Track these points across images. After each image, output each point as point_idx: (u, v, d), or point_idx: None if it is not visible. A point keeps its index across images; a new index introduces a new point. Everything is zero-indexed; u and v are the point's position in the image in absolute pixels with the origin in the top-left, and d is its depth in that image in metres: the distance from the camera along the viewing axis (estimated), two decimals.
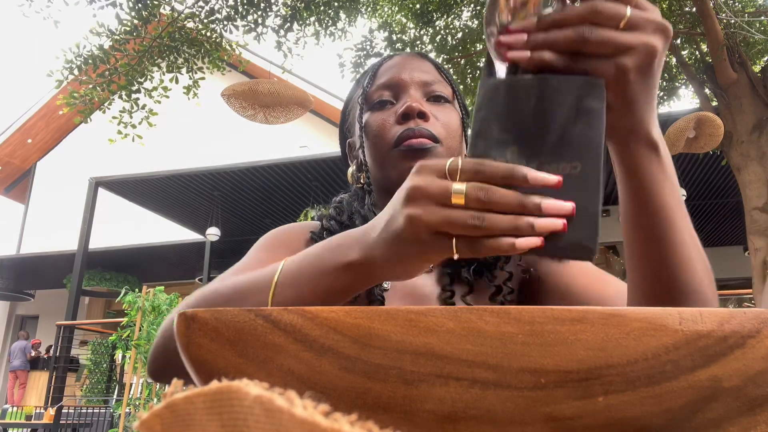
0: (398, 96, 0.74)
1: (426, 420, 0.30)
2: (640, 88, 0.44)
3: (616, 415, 0.29)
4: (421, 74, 0.75)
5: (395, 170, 0.70)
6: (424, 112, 0.71)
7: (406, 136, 0.69)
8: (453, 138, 0.73)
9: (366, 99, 0.77)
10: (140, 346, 4.87)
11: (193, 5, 5.03)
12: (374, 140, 0.73)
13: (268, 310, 0.32)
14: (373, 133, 0.73)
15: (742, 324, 0.29)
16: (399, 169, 0.69)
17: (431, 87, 0.75)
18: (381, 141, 0.72)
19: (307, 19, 5.28)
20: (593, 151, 0.42)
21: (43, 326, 13.09)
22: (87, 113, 4.77)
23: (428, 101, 0.74)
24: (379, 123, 0.73)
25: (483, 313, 0.29)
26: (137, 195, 9.05)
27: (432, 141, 0.69)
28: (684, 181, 7.79)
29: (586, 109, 0.43)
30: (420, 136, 0.69)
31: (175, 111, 8.15)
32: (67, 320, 7.92)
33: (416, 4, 5.73)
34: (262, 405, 0.15)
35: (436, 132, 0.70)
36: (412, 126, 0.70)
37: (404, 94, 0.74)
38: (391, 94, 0.75)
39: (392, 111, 0.73)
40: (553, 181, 0.40)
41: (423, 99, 0.74)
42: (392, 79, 0.75)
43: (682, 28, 5.73)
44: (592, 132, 0.42)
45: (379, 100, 0.75)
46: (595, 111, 0.42)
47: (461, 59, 5.92)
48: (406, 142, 0.69)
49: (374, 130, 0.73)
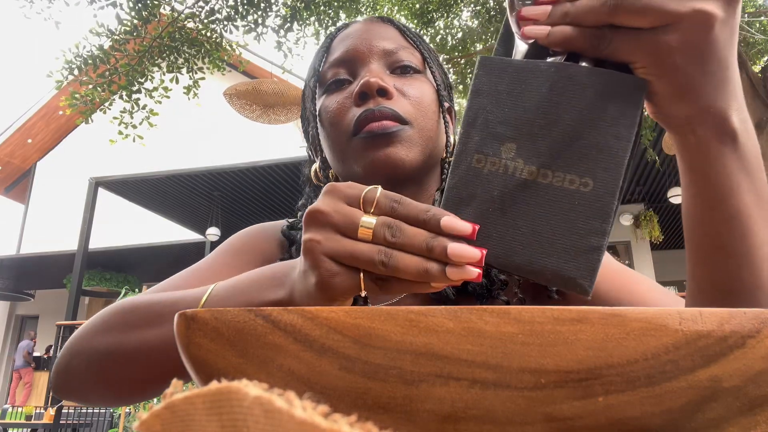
0: (356, 72, 0.62)
1: (426, 420, 0.30)
2: (695, 69, 0.34)
3: (616, 415, 0.29)
4: (382, 41, 0.62)
5: (358, 163, 0.59)
6: (385, 88, 0.58)
7: (365, 119, 0.57)
8: (425, 116, 0.60)
9: (319, 80, 0.65)
10: None
11: (193, 5, 5.04)
12: (330, 128, 0.61)
13: (268, 310, 0.32)
14: (328, 120, 0.61)
15: (742, 324, 0.29)
16: (363, 162, 0.58)
17: (395, 56, 0.62)
18: (338, 129, 0.60)
19: (307, 19, 5.29)
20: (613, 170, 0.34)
21: (43, 326, 13.09)
22: (88, 114, 4.77)
23: (392, 74, 0.62)
24: (335, 107, 0.61)
25: (483, 313, 0.29)
26: (137, 195, 9.06)
27: (397, 122, 0.58)
28: None
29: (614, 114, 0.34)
30: (382, 118, 0.57)
31: (175, 111, 8.15)
32: (67, 320, 7.92)
33: (416, 3, 5.74)
34: (261, 406, 0.15)
35: (401, 111, 0.58)
36: (372, 107, 0.58)
37: (362, 69, 0.61)
38: (347, 71, 0.62)
39: (349, 91, 0.61)
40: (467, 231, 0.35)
41: (385, 72, 0.62)
42: (347, 53, 0.62)
43: None
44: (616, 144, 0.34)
45: (334, 79, 0.63)
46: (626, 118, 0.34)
47: (461, 59, 5.92)
48: (366, 128, 0.57)
49: (329, 116, 0.61)
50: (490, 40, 5.73)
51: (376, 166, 0.57)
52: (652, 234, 8.05)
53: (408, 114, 0.59)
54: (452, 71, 5.96)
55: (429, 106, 0.61)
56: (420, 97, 0.61)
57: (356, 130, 0.58)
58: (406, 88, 0.61)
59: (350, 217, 0.36)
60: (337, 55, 0.63)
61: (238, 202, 9.09)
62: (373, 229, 0.36)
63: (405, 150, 0.57)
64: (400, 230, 0.35)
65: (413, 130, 0.59)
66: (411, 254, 0.35)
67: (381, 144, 0.57)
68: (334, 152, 0.62)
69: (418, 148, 0.59)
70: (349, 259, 0.36)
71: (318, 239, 0.36)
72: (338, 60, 0.62)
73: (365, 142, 0.58)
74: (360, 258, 0.35)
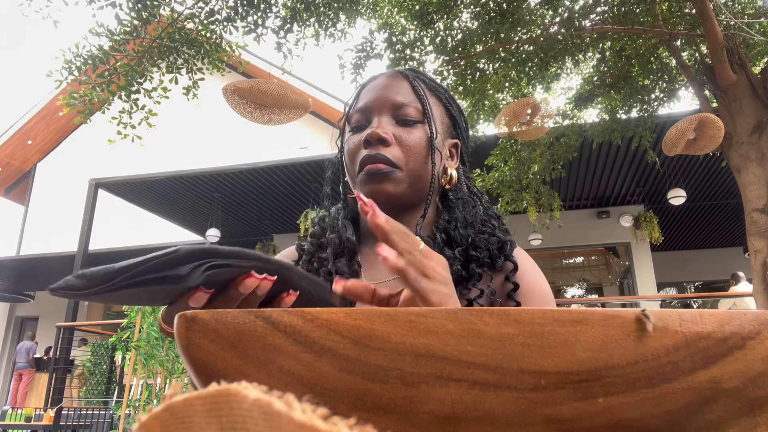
0: (370, 120, 0.80)
1: (426, 421, 0.29)
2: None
3: (617, 417, 0.29)
4: (394, 96, 0.80)
5: (362, 191, 0.77)
6: (383, 138, 0.76)
7: (366, 161, 0.76)
8: (415, 160, 0.78)
9: (348, 120, 0.84)
10: (140, 348, 4.86)
11: (192, 6, 5.04)
12: (348, 162, 0.82)
13: (268, 311, 0.32)
14: (347, 155, 0.81)
15: (741, 325, 0.29)
16: (364, 191, 0.77)
17: (402, 110, 0.80)
18: (352, 164, 0.80)
19: (307, 20, 5.28)
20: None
21: (43, 328, 13.09)
22: (87, 114, 4.76)
23: (397, 123, 0.79)
24: (351, 146, 0.80)
25: (483, 314, 0.29)
26: (137, 196, 9.06)
27: (389, 165, 0.75)
28: (684, 183, 7.79)
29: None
30: (377, 162, 0.75)
31: (175, 112, 8.15)
32: (67, 322, 7.91)
33: (416, 5, 5.73)
34: (260, 408, 0.15)
35: (393, 157, 0.76)
36: (370, 152, 0.76)
37: (375, 119, 0.80)
38: (364, 118, 0.81)
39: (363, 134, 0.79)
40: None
41: (391, 122, 0.79)
42: (366, 104, 0.81)
43: (681, 30, 5.73)
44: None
45: (356, 124, 0.82)
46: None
47: (461, 60, 5.92)
48: (366, 168, 0.76)
49: (348, 152, 0.81)
50: (489, 41, 5.72)
51: (373, 196, 0.75)
52: (652, 235, 8.05)
53: (398, 159, 0.77)
54: (452, 72, 5.96)
55: (420, 151, 0.78)
56: (412, 145, 0.78)
57: (360, 168, 0.77)
58: (404, 137, 0.78)
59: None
60: (361, 104, 0.82)
61: (238, 203, 9.09)
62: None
63: (393, 187, 0.76)
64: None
65: (401, 172, 0.76)
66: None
67: (375, 181, 0.76)
68: (350, 179, 0.83)
69: (405, 185, 0.77)
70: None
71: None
72: (360, 108, 0.82)
73: (366, 177, 0.76)
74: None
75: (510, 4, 5.47)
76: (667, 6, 5.79)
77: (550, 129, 5.77)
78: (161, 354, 4.96)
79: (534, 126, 5.28)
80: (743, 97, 4.94)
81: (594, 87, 6.21)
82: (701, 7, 4.80)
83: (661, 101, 6.30)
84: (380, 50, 5.64)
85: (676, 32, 5.62)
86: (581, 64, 6.61)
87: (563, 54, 5.80)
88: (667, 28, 5.63)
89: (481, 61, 6.06)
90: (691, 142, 4.87)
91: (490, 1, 5.62)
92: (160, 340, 4.92)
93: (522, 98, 5.47)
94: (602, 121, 6.12)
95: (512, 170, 6.36)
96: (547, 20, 6.09)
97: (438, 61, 5.90)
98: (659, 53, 6.14)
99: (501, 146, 6.49)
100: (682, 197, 7.52)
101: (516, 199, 6.48)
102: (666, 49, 5.99)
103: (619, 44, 6.15)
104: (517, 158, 6.38)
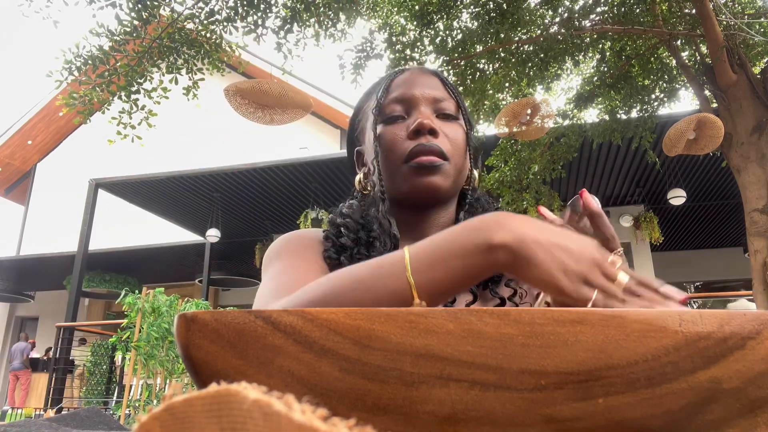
0: (409, 111, 0.77)
1: (426, 422, 0.29)
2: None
3: (617, 417, 0.29)
4: (431, 90, 0.78)
5: (406, 183, 0.74)
6: (435, 129, 0.74)
7: (418, 152, 0.72)
8: (459, 155, 0.76)
9: (380, 111, 0.79)
10: (140, 348, 4.86)
11: (193, 6, 5.04)
12: (387, 153, 0.76)
13: (268, 311, 0.32)
14: (386, 146, 0.76)
15: (742, 325, 0.29)
16: (409, 183, 0.74)
17: (440, 104, 0.78)
18: (393, 155, 0.75)
19: (308, 20, 5.28)
20: None
21: (43, 328, 13.09)
22: (87, 114, 4.76)
23: (437, 117, 0.77)
24: (392, 137, 0.76)
25: (483, 314, 0.29)
26: (137, 196, 9.06)
27: (441, 158, 0.73)
28: (684, 183, 7.79)
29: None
30: (430, 153, 0.72)
31: (175, 112, 8.15)
32: (67, 322, 7.91)
33: (416, 5, 5.73)
34: (260, 409, 0.15)
35: (444, 149, 0.73)
36: (424, 142, 0.73)
37: (415, 110, 0.77)
38: (402, 109, 0.78)
39: (404, 126, 0.76)
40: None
41: (433, 115, 0.77)
42: (404, 95, 0.78)
43: (681, 30, 5.73)
44: None
45: (391, 114, 0.78)
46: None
47: (461, 61, 5.92)
48: (417, 159, 0.72)
49: (387, 143, 0.76)
50: (489, 41, 5.72)
51: (420, 190, 0.73)
52: (652, 235, 8.05)
53: (448, 152, 0.74)
54: (452, 72, 5.96)
55: (462, 146, 0.77)
56: (456, 139, 0.76)
57: (408, 158, 0.73)
58: (447, 131, 0.76)
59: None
60: (396, 94, 0.78)
61: (238, 203, 9.09)
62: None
63: (442, 180, 0.73)
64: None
65: (450, 166, 0.74)
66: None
67: (426, 173, 0.72)
68: (386, 171, 0.76)
69: (451, 179, 0.75)
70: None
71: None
72: (397, 98, 0.78)
73: (414, 169, 0.73)
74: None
75: (510, 4, 5.47)
76: (667, 6, 5.79)
77: (550, 129, 5.77)
78: (161, 354, 4.96)
79: (534, 126, 5.28)
80: (743, 97, 4.94)
81: (594, 87, 6.21)
82: (701, 7, 4.80)
83: (661, 101, 6.31)
84: (380, 50, 5.64)
85: (676, 32, 5.62)
86: (581, 64, 6.61)
87: (563, 54, 5.80)
88: (667, 28, 5.63)
89: (481, 62, 6.06)
90: (691, 142, 4.88)
91: (490, 1, 5.62)
92: (160, 340, 4.92)
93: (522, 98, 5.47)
94: (602, 121, 6.12)
95: (512, 170, 6.36)
96: (547, 20, 6.09)
97: (438, 61, 5.90)
98: (659, 53, 6.14)
99: (501, 146, 6.49)
100: (682, 197, 7.52)
101: (516, 200, 6.48)
102: (666, 49, 5.99)
103: (619, 44, 6.15)
104: (518, 158, 6.38)
